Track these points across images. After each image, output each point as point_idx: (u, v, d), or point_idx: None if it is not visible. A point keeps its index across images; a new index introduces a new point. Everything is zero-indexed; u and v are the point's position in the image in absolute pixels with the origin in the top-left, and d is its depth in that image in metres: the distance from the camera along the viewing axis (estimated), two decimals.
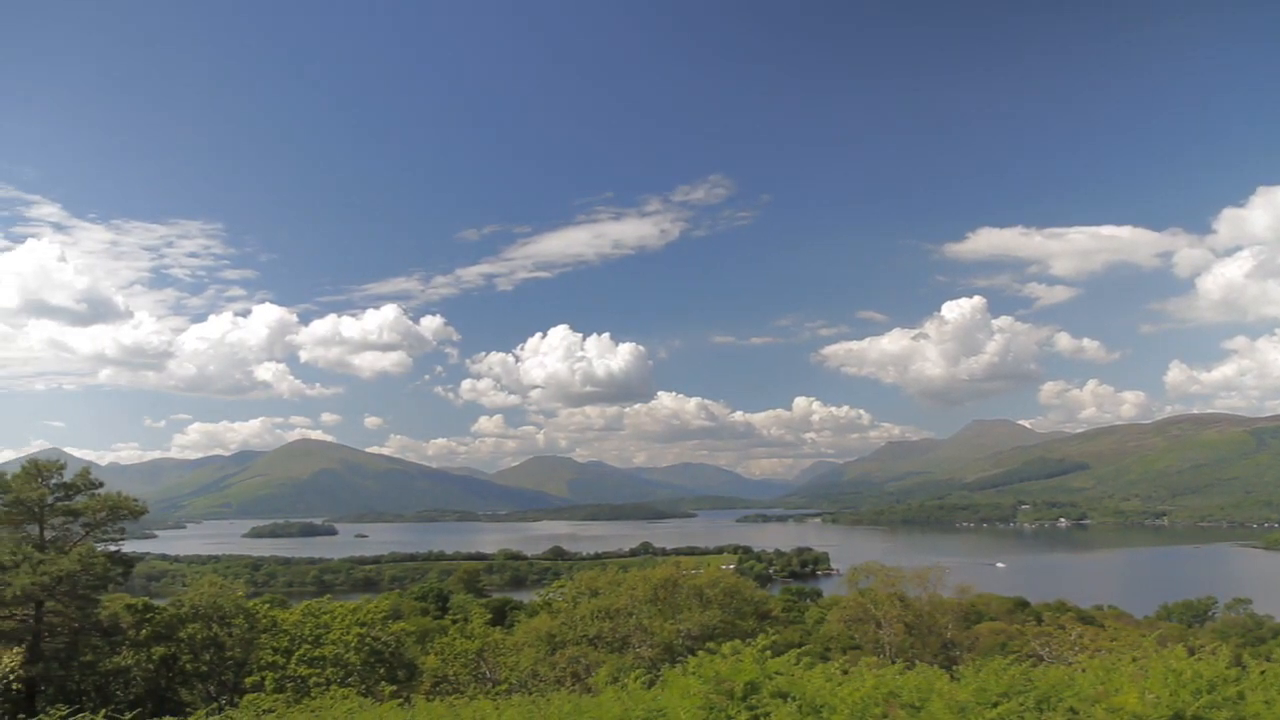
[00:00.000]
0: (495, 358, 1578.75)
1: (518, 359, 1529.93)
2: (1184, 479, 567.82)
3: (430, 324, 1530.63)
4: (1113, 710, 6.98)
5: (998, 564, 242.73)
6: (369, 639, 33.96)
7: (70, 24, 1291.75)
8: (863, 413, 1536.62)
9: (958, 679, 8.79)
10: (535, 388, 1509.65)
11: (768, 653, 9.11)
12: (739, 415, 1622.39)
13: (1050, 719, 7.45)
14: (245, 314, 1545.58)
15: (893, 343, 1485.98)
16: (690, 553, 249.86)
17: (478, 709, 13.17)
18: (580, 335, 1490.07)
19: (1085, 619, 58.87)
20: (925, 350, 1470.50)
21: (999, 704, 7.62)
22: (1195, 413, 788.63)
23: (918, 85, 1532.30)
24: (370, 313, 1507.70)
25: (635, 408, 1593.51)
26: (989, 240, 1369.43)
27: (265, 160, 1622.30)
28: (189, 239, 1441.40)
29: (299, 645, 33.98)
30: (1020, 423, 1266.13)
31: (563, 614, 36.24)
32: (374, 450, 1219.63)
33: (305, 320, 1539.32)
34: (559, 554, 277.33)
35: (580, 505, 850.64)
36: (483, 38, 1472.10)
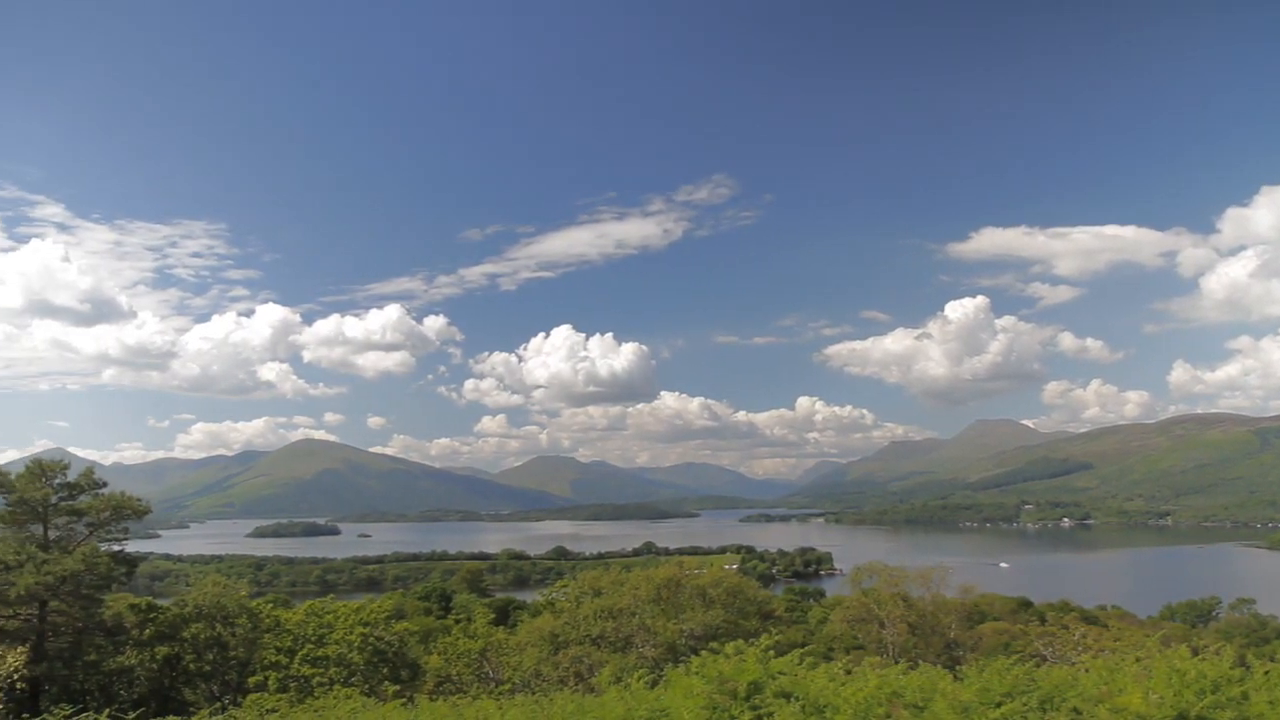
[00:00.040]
0: (498, 358, 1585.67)
1: (521, 359, 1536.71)
2: (1188, 479, 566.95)
3: (433, 324, 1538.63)
4: (1116, 710, 6.96)
5: (1001, 564, 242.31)
6: (372, 639, 33.96)
7: (74, 24, 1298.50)
8: (866, 412, 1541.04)
9: (961, 679, 8.76)
10: (538, 387, 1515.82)
11: (771, 653, 9.09)
12: (742, 415, 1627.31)
13: (1054, 719, 7.45)
14: (249, 314, 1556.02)
15: (896, 342, 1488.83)
16: (693, 552, 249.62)
17: (481, 709, 13.15)
18: (583, 335, 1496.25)
19: (1089, 619, 58.54)
20: (928, 350, 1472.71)
21: (1002, 704, 7.61)
22: (1199, 413, 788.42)
23: (920, 85, 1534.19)
24: (373, 313, 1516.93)
25: (638, 407, 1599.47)
26: (992, 240, 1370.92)
27: (269, 160, 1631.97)
28: (192, 239, 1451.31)
29: (302, 645, 34.02)
30: (1024, 423, 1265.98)
31: (566, 614, 36.21)
32: (377, 450, 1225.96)
33: (309, 320, 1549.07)
34: (562, 554, 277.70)
35: (583, 505, 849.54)
36: (486, 38, 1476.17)
